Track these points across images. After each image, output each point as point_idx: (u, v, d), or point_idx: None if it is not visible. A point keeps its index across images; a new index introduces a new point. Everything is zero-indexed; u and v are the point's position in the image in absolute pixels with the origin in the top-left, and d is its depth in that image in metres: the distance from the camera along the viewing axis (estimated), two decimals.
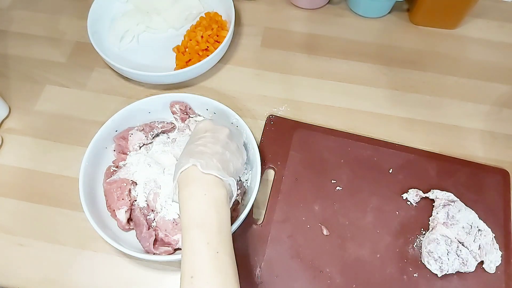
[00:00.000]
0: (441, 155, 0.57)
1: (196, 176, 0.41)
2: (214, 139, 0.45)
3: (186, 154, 0.44)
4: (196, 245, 0.38)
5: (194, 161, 0.41)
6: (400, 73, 0.65)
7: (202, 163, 0.41)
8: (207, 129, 0.47)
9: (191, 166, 0.41)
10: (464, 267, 0.48)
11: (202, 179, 0.41)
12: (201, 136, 0.46)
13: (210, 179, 0.41)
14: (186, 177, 0.41)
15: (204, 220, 0.39)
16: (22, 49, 0.67)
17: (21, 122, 0.61)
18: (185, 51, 0.64)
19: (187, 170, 0.41)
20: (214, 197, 0.40)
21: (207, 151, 0.43)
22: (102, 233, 0.47)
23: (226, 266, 0.38)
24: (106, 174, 0.53)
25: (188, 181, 0.41)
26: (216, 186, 0.41)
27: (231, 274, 0.38)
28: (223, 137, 0.46)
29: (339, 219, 0.53)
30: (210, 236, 0.38)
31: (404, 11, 0.71)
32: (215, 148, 0.44)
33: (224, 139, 0.46)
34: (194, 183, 0.41)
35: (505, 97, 0.63)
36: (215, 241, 0.38)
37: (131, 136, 0.55)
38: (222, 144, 0.45)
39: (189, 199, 0.40)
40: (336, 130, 0.59)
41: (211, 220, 0.39)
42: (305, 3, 0.70)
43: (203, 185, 0.41)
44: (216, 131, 0.46)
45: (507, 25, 0.69)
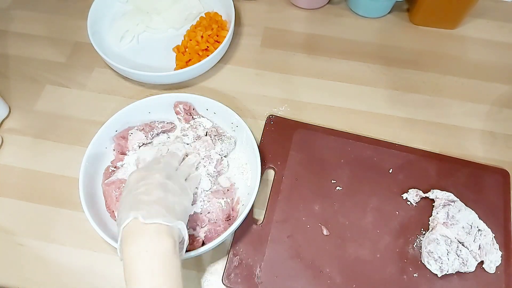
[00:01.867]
0: (441, 155, 0.57)
1: (137, 231, 0.38)
2: (151, 185, 0.42)
3: (125, 208, 0.40)
4: None
5: (135, 213, 0.38)
6: (400, 73, 0.65)
7: (143, 214, 0.38)
8: (140, 177, 0.43)
9: (132, 219, 0.38)
10: (464, 267, 0.48)
11: (144, 232, 0.38)
12: (137, 186, 0.42)
13: (153, 231, 0.38)
14: (128, 233, 0.38)
15: (147, 282, 0.36)
16: (22, 49, 0.67)
17: (21, 122, 0.61)
18: (185, 51, 0.64)
19: (129, 225, 0.38)
20: (159, 251, 0.37)
21: (146, 198, 0.40)
22: (102, 233, 0.47)
23: None
24: (105, 175, 0.53)
25: (129, 239, 0.38)
26: (160, 237, 0.38)
27: None
28: (161, 179, 0.43)
29: (339, 219, 0.53)
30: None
31: (404, 11, 0.71)
32: (155, 193, 0.41)
33: (162, 181, 0.43)
34: (135, 239, 0.38)
35: (505, 97, 0.63)
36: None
37: (131, 136, 0.55)
38: (162, 187, 0.42)
39: (131, 260, 0.37)
40: (336, 130, 0.59)
41: (155, 281, 0.36)
42: (305, 3, 0.70)
43: (144, 240, 0.37)
44: (150, 176, 0.43)
45: (507, 25, 0.69)
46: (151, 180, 0.43)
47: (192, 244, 0.49)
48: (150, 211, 0.39)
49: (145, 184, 0.42)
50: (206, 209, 0.51)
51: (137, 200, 0.40)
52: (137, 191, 0.42)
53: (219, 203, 0.51)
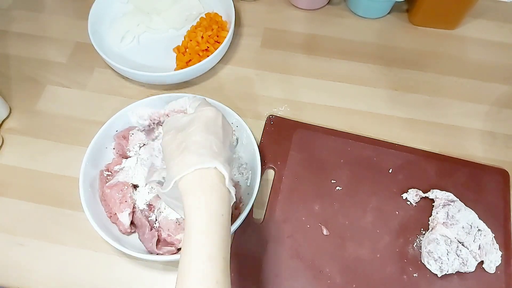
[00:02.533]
0: (441, 155, 0.57)
1: (219, 188, 0.36)
2: (226, 138, 0.40)
3: (202, 147, 0.37)
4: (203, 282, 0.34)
5: (221, 166, 0.36)
6: (400, 73, 0.65)
7: (229, 174, 0.37)
8: (219, 123, 0.40)
9: (214, 169, 0.36)
10: (464, 267, 0.48)
11: (224, 194, 0.36)
12: (215, 129, 0.39)
13: (228, 196, 0.37)
14: (205, 182, 0.36)
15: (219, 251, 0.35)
16: (23, 49, 0.67)
17: (22, 122, 0.61)
18: (185, 51, 0.64)
19: (207, 173, 0.36)
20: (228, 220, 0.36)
21: (227, 155, 0.38)
22: (102, 233, 0.47)
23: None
24: (101, 180, 0.53)
25: (207, 189, 0.36)
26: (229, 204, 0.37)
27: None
28: (230, 138, 0.40)
29: (339, 219, 0.53)
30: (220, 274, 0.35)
31: (404, 12, 0.71)
32: (229, 153, 0.38)
33: (231, 137, 0.40)
34: (216, 196, 0.36)
35: (505, 97, 0.63)
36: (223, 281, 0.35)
37: (132, 136, 0.55)
38: (231, 144, 0.40)
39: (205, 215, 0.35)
40: (336, 130, 0.59)
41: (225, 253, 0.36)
42: (305, 3, 0.70)
43: (223, 202, 0.36)
44: (225, 126, 0.41)
45: (507, 25, 0.69)
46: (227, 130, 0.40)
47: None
48: (231, 174, 0.37)
49: (223, 134, 0.40)
50: None
51: (218, 148, 0.38)
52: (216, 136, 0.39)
53: None
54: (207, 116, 0.41)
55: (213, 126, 0.40)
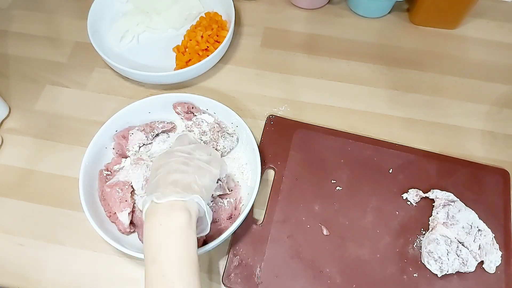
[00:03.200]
0: (441, 155, 0.57)
1: (153, 210, 0.40)
2: (168, 170, 0.44)
3: (146, 194, 0.44)
4: (152, 280, 0.38)
5: (151, 196, 0.41)
6: (400, 73, 0.65)
7: (158, 195, 0.41)
8: (158, 165, 0.46)
9: (150, 202, 0.41)
10: (464, 267, 0.48)
11: (159, 209, 0.40)
12: (155, 173, 0.45)
13: (167, 207, 0.40)
14: (147, 215, 0.41)
15: (160, 253, 0.38)
16: (22, 49, 0.67)
17: (21, 122, 0.61)
18: (185, 51, 0.64)
19: (148, 208, 0.41)
20: (172, 225, 0.39)
21: (162, 182, 0.43)
22: (102, 233, 0.47)
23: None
24: (101, 179, 0.53)
25: (147, 218, 0.41)
26: (173, 212, 0.40)
27: None
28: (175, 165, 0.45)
29: (339, 219, 0.53)
30: (165, 269, 0.37)
31: (404, 11, 0.71)
32: (171, 177, 0.43)
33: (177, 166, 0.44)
34: (151, 216, 0.40)
35: (505, 97, 0.63)
36: (170, 272, 0.37)
37: (132, 136, 0.55)
38: (177, 171, 0.44)
39: (146, 234, 0.40)
40: (336, 130, 0.59)
41: (167, 251, 0.38)
42: (305, 3, 0.70)
43: (159, 215, 0.40)
44: (166, 163, 0.45)
45: (507, 25, 0.69)
46: (167, 167, 0.45)
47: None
48: (164, 191, 0.41)
49: (162, 171, 0.45)
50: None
51: (155, 186, 0.43)
52: (155, 178, 0.44)
53: (222, 203, 0.51)
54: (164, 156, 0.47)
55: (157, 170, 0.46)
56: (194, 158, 0.47)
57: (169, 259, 0.38)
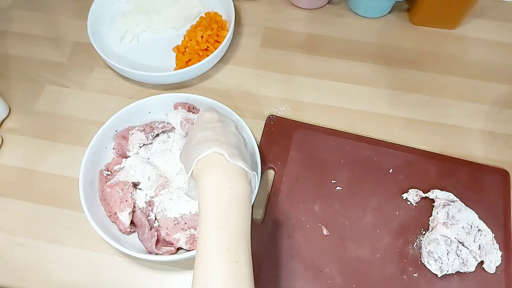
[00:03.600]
0: (441, 155, 0.57)
1: (222, 165, 0.36)
2: (227, 130, 0.41)
3: (202, 141, 0.39)
4: (214, 250, 0.33)
5: (218, 148, 0.37)
6: (400, 73, 0.65)
7: (229, 152, 0.37)
8: (214, 119, 0.42)
9: (213, 153, 0.37)
10: (464, 267, 0.48)
11: (228, 169, 0.36)
12: (212, 125, 0.41)
13: (237, 171, 0.36)
14: (209, 165, 0.37)
15: (227, 219, 0.34)
16: (22, 49, 0.67)
17: (21, 122, 0.61)
18: (185, 51, 0.64)
19: (208, 158, 0.37)
20: (240, 193, 0.36)
21: (224, 139, 0.38)
22: (102, 233, 0.47)
23: (244, 280, 0.34)
24: (101, 179, 0.53)
25: (212, 169, 0.36)
26: (243, 180, 0.36)
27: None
28: (234, 129, 0.42)
29: (339, 219, 0.53)
30: (231, 242, 0.34)
31: (404, 11, 0.71)
32: (233, 139, 0.40)
33: (235, 131, 0.42)
34: (220, 172, 0.36)
35: (505, 97, 0.63)
36: (235, 248, 0.34)
37: (132, 136, 0.55)
38: (236, 136, 0.41)
39: (212, 191, 0.36)
40: (336, 130, 0.59)
41: (235, 222, 0.35)
42: (305, 3, 0.70)
43: (229, 176, 0.36)
44: (225, 122, 0.42)
45: (507, 25, 0.69)
46: (227, 125, 0.42)
47: (193, 244, 0.49)
48: (233, 152, 0.37)
49: (221, 127, 0.41)
50: None
51: (215, 138, 0.39)
52: (214, 130, 0.40)
53: None
54: (202, 119, 0.44)
55: (208, 122, 0.43)
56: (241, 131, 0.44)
57: (235, 231, 0.34)
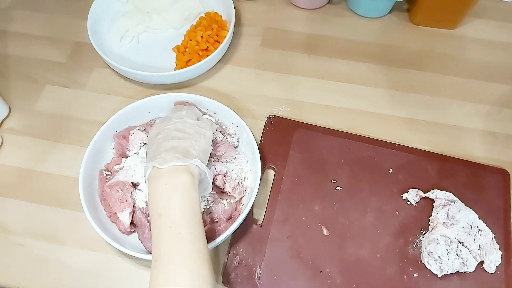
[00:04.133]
0: (441, 155, 0.57)
1: (157, 173, 0.43)
2: (166, 136, 0.46)
3: (147, 161, 0.46)
4: (159, 232, 0.40)
5: (152, 163, 0.43)
6: (400, 73, 0.65)
7: (159, 161, 0.43)
8: (156, 132, 0.48)
9: (152, 168, 0.43)
10: (464, 267, 0.48)
11: (162, 173, 0.42)
12: (154, 139, 0.47)
13: (170, 170, 0.42)
14: (150, 178, 0.43)
15: (166, 207, 0.41)
16: (22, 49, 0.67)
17: (21, 122, 0.61)
18: (185, 51, 0.64)
19: (151, 173, 0.43)
20: (176, 184, 0.42)
21: (162, 149, 0.45)
22: (102, 233, 0.47)
23: (189, 244, 0.39)
24: (101, 179, 0.53)
25: (150, 180, 0.43)
26: (177, 174, 0.42)
27: (195, 250, 0.39)
28: (172, 132, 0.47)
29: (339, 219, 0.53)
30: (172, 220, 0.40)
31: (404, 11, 0.71)
32: (169, 143, 0.45)
33: (174, 133, 0.47)
34: (156, 178, 0.43)
35: (505, 97, 0.63)
36: (177, 224, 0.40)
37: (132, 136, 0.55)
38: (174, 137, 0.46)
39: (152, 194, 0.42)
40: (336, 130, 0.59)
41: (173, 206, 0.41)
42: (305, 3, 0.70)
43: (164, 177, 0.42)
44: (164, 129, 0.47)
45: (507, 25, 0.69)
46: (165, 132, 0.47)
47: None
48: (165, 157, 0.43)
49: (161, 138, 0.47)
50: (209, 209, 0.51)
51: (156, 152, 0.45)
52: (154, 145, 0.46)
53: (222, 203, 0.51)
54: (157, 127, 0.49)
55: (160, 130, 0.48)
56: (187, 123, 0.49)
57: (174, 212, 0.40)
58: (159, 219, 0.40)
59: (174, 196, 0.41)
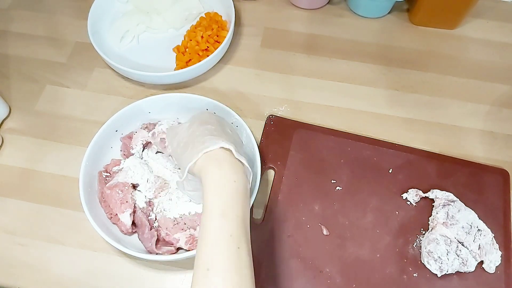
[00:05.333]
0: (441, 155, 0.57)
1: (228, 160, 0.38)
2: (225, 129, 0.43)
3: (207, 135, 0.40)
4: (218, 236, 0.35)
5: (226, 143, 0.38)
6: (400, 73, 0.65)
7: (236, 148, 0.39)
8: (213, 117, 0.44)
9: (220, 148, 0.38)
10: (464, 267, 0.48)
11: (234, 164, 0.38)
12: (213, 120, 0.43)
13: (240, 166, 0.39)
14: (216, 158, 0.38)
15: (231, 209, 0.36)
16: (22, 49, 0.67)
17: (21, 122, 0.61)
18: (185, 51, 0.64)
19: (215, 152, 0.38)
20: (242, 186, 0.38)
21: (228, 137, 0.40)
22: (102, 233, 0.47)
23: (245, 265, 0.35)
24: (100, 181, 0.53)
25: (219, 163, 0.38)
26: (244, 175, 0.39)
27: (248, 274, 0.35)
28: (230, 129, 0.44)
29: (339, 219, 0.53)
30: (234, 228, 0.36)
31: (404, 11, 0.71)
32: (233, 137, 0.42)
33: (233, 130, 0.44)
34: (227, 167, 0.38)
35: (505, 97, 0.63)
36: (237, 235, 0.36)
37: (135, 134, 0.55)
38: (235, 134, 0.43)
39: (219, 183, 0.37)
40: (336, 130, 0.59)
41: (238, 211, 0.36)
42: (305, 3, 0.70)
43: (235, 171, 0.38)
44: (223, 121, 0.45)
45: (507, 25, 0.69)
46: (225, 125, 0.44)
47: (192, 244, 0.49)
48: (238, 149, 0.39)
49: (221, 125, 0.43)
50: None
51: (219, 133, 0.41)
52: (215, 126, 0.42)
53: None
54: (200, 117, 0.46)
55: (208, 119, 0.45)
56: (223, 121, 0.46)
57: (238, 219, 0.36)
58: (221, 218, 0.36)
59: (240, 199, 0.37)
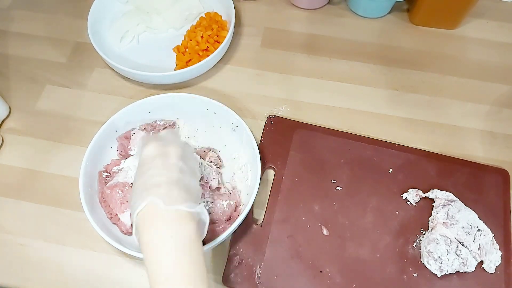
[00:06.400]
0: (441, 155, 0.57)
1: (158, 214, 0.35)
2: (165, 164, 0.38)
3: (139, 190, 0.37)
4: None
5: (152, 197, 0.35)
6: (400, 73, 0.65)
7: (164, 198, 0.35)
8: (155, 154, 0.39)
9: (148, 204, 0.35)
10: (464, 267, 0.48)
11: (166, 217, 0.35)
12: (149, 165, 0.39)
13: (175, 216, 0.35)
14: (146, 218, 0.35)
15: (174, 270, 0.34)
16: (22, 49, 0.67)
17: (21, 122, 0.61)
18: (185, 51, 0.64)
19: (144, 210, 0.35)
20: (184, 236, 0.35)
21: (163, 181, 0.37)
22: (102, 233, 0.47)
23: None
24: (100, 181, 0.53)
25: (149, 222, 0.35)
26: (184, 222, 0.35)
27: None
28: (176, 160, 0.39)
29: (339, 219, 0.53)
30: None
31: (404, 11, 0.71)
32: (172, 176, 0.37)
33: (177, 162, 0.39)
34: (159, 223, 0.35)
35: (505, 97, 0.63)
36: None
37: (133, 136, 0.55)
38: (177, 168, 0.38)
39: (153, 245, 0.34)
40: (336, 130, 0.59)
41: (183, 269, 0.34)
42: (305, 3, 0.70)
43: (168, 225, 0.35)
44: (166, 154, 0.39)
45: (507, 25, 0.69)
46: (168, 158, 0.39)
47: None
48: (169, 195, 0.36)
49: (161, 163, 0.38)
50: (208, 210, 0.51)
51: (153, 182, 0.37)
52: (151, 171, 0.38)
53: (221, 204, 0.51)
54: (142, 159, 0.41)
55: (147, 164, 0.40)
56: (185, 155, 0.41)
57: (185, 278, 0.34)
58: (165, 284, 0.33)
59: (182, 255, 0.34)
